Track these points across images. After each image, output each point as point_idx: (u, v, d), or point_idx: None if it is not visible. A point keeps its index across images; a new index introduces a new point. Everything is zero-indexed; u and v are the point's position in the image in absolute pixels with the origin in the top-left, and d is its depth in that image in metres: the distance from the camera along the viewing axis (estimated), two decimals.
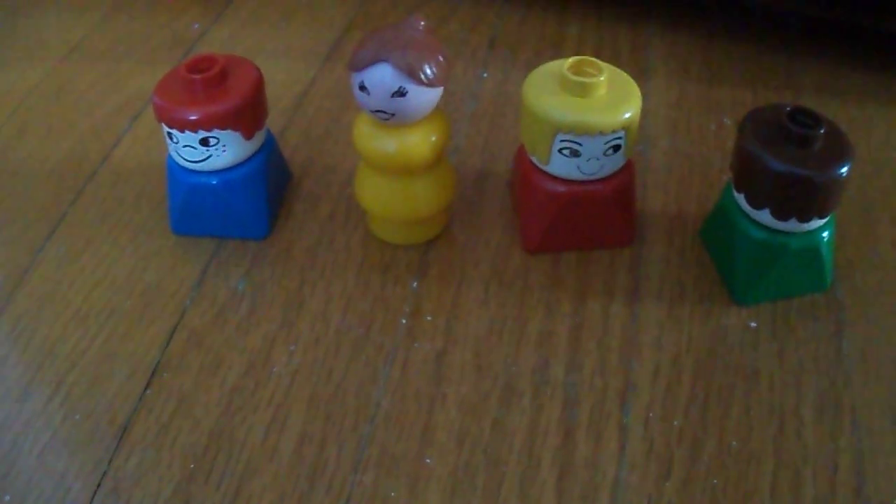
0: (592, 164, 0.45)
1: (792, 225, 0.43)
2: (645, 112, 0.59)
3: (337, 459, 0.40)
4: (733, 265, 0.46)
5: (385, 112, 0.42)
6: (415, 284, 0.48)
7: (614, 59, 0.63)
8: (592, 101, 0.44)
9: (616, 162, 0.45)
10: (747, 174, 0.43)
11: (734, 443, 0.40)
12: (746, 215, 0.45)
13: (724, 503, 0.38)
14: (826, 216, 0.43)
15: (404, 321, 0.46)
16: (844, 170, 0.41)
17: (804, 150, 0.41)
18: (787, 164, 0.41)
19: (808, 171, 0.40)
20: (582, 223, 0.48)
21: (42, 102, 0.63)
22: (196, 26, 0.71)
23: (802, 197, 0.42)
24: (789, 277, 0.46)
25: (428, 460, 0.40)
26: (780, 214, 0.43)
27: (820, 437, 0.41)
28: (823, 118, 0.42)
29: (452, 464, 0.40)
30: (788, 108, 0.42)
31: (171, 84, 0.47)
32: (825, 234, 0.44)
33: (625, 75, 0.46)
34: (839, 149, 0.41)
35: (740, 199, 0.44)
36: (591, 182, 0.46)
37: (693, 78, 0.63)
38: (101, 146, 0.59)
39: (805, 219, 0.43)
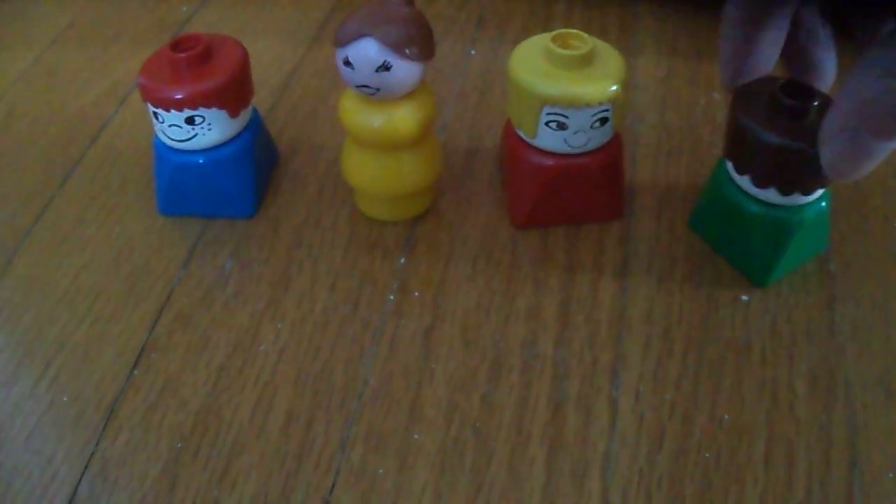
0: (580, 137, 0.44)
1: (796, 199, 0.42)
2: (634, 87, 0.59)
3: (324, 437, 0.40)
4: (750, 250, 0.45)
5: (370, 87, 0.42)
6: (402, 260, 0.48)
7: (603, 36, 0.63)
8: (578, 73, 0.43)
9: (604, 135, 0.45)
10: (750, 154, 0.42)
11: (726, 416, 0.40)
12: (754, 198, 0.43)
13: (717, 477, 0.38)
14: (828, 184, 0.42)
15: (392, 297, 0.46)
16: None
17: (799, 122, 0.40)
18: (784, 139, 0.40)
19: (805, 144, 0.40)
20: (570, 197, 0.47)
21: (30, 88, 0.63)
22: (184, 9, 0.70)
23: (806, 170, 0.41)
24: (800, 248, 0.45)
25: (416, 436, 0.40)
26: (786, 189, 0.42)
27: (813, 411, 0.40)
28: (816, 91, 0.41)
29: (441, 440, 0.40)
30: (781, 82, 0.42)
31: (155, 64, 0.47)
32: (824, 201, 0.44)
33: (611, 48, 0.45)
34: None
35: (744, 181, 0.43)
36: (579, 155, 0.45)
37: (682, 54, 0.63)
38: (88, 130, 0.58)
39: (810, 191, 0.42)
